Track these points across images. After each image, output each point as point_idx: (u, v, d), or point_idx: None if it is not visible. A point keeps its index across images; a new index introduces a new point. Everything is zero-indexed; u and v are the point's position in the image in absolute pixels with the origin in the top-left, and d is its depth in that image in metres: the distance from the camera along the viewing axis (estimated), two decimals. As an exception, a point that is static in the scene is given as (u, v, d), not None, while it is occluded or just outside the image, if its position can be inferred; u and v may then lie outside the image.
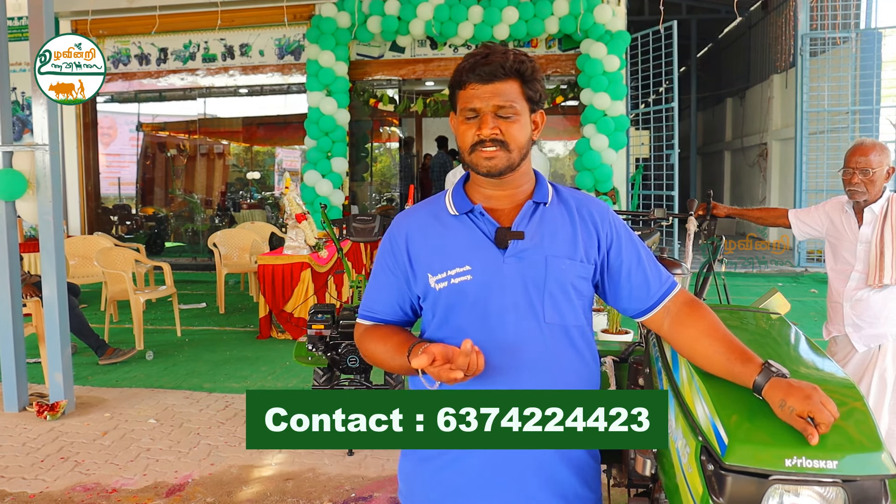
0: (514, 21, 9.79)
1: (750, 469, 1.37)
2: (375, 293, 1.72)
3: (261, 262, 6.81)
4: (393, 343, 1.63)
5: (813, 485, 1.36)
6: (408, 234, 1.66)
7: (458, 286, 1.57)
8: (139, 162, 13.58)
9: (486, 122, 1.55)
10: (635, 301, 1.69)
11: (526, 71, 1.57)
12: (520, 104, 1.57)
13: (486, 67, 1.54)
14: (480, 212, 1.63)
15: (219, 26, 10.84)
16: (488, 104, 1.55)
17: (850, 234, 3.20)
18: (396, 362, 1.61)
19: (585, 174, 9.86)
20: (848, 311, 3.19)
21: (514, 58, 1.56)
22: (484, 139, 1.55)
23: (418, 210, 1.72)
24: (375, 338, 1.69)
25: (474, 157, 1.58)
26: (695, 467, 1.49)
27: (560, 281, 1.60)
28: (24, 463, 4.05)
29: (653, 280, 1.68)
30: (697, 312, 1.65)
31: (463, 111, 1.58)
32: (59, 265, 4.84)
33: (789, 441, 1.37)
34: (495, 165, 1.57)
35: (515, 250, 1.59)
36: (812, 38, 11.15)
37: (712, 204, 3.44)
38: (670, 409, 1.73)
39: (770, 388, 1.45)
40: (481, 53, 1.57)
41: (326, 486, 3.71)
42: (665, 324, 1.68)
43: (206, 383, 5.54)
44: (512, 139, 1.56)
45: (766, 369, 1.49)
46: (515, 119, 1.56)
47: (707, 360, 1.59)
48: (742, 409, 1.47)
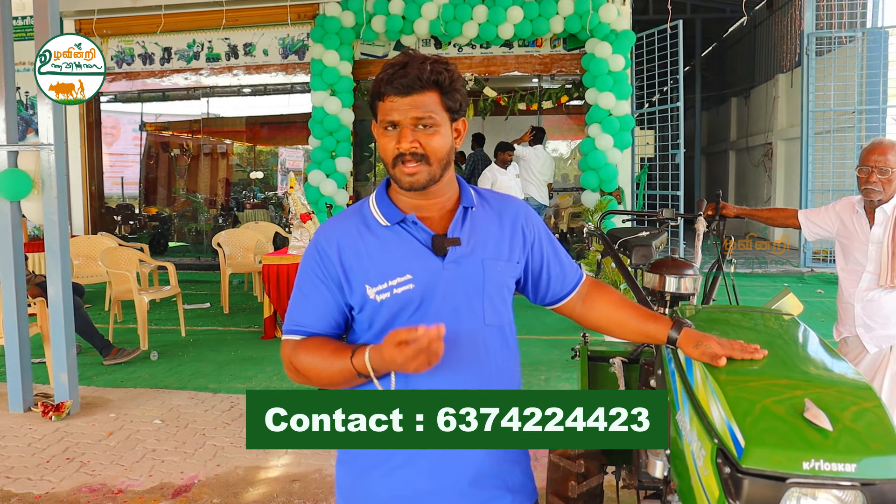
0: (518, 20, 9.77)
1: (767, 472, 1.36)
2: (305, 306, 1.63)
3: (265, 262, 6.80)
4: (329, 350, 1.57)
5: (831, 488, 1.35)
6: (339, 244, 1.60)
7: (401, 296, 1.56)
8: (142, 161, 13.59)
9: (406, 135, 1.53)
10: (553, 291, 1.80)
11: (444, 81, 1.54)
12: (439, 115, 1.55)
13: (403, 80, 1.51)
14: (414, 221, 1.60)
15: (223, 26, 10.84)
16: (406, 116, 1.53)
17: (862, 235, 3.17)
18: (335, 368, 1.54)
19: (590, 174, 9.83)
20: (859, 312, 3.16)
21: (431, 68, 1.52)
22: (404, 153, 1.53)
23: (344, 220, 1.66)
24: (309, 349, 1.59)
25: (396, 172, 1.57)
26: (711, 470, 1.48)
27: (496, 283, 1.64)
28: (29, 463, 4.05)
29: (567, 269, 1.81)
30: (605, 289, 1.85)
31: (382, 122, 1.56)
32: (64, 265, 4.83)
33: (807, 444, 1.36)
34: (417, 181, 1.56)
35: (454, 256, 1.59)
36: (818, 37, 11.12)
37: (721, 204, 3.41)
38: (685, 410, 1.72)
39: (685, 336, 1.70)
40: (399, 63, 1.53)
41: (333, 487, 3.69)
42: (578, 306, 1.83)
43: (211, 384, 5.52)
44: (432, 152, 1.55)
45: (678, 322, 1.73)
46: (435, 130, 1.55)
47: (621, 326, 1.80)
48: (758, 410, 1.46)
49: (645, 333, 1.77)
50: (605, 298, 1.82)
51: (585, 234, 3.67)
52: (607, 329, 1.82)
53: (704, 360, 1.64)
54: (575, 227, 11.89)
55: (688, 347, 1.68)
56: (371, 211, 1.65)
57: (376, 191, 1.69)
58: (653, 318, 1.77)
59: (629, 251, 3.24)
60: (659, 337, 1.74)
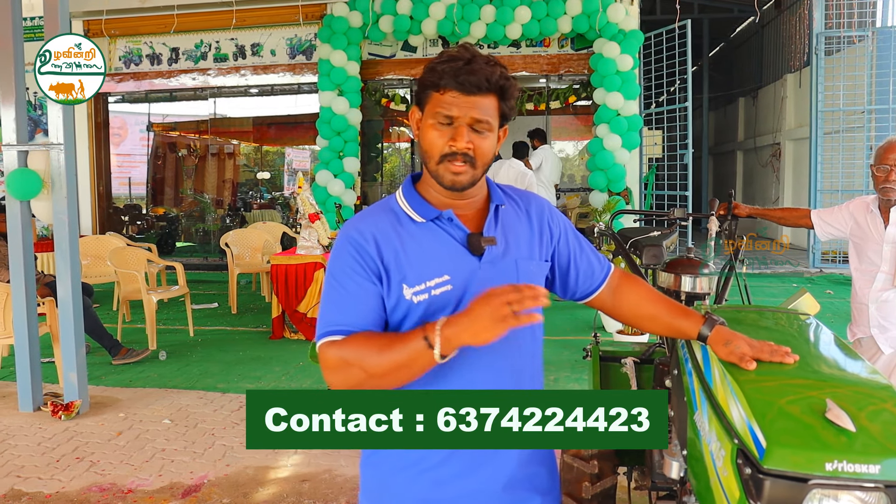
0: (526, 20, 9.76)
1: (789, 473, 1.33)
2: (346, 304, 1.51)
3: (274, 263, 6.80)
4: (387, 336, 1.46)
5: (854, 490, 1.32)
6: (375, 239, 1.53)
7: (439, 297, 1.52)
8: (150, 162, 13.62)
9: (462, 134, 1.49)
10: (582, 285, 1.77)
11: (508, 88, 1.52)
12: (494, 120, 1.53)
13: (471, 77, 1.47)
14: (450, 218, 1.57)
15: (231, 26, 10.86)
16: (466, 115, 1.49)
17: (876, 235, 3.14)
18: (400, 349, 1.41)
19: (598, 174, 9.82)
20: (874, 313, 3.13)
21: (500, 73, 1.50)
22: (456, 152, 1.50)
23: (374, 216, 1.60)
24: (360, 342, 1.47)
25: (441, 169, 1.52)
26: (731, 471, 1.46)
27: (529, 282, 1.57)
28: (39, 463, 4.05)
29: (595, 263, 1.78)
30: (636, 282, 1.81)
31: (435, 115, 1.51)
32: (73, 265, 4.83)
33: (829, 444, 1.34)
34: (460, 181, 1.52)
35: (490, 256, 1.56)
36: (827, 36, 11.07)
37: (734, 204, 3.39)
38: (703, 410, 1.70)
39: (716, 334, 1.66)
40: (463, 58, 1.48)
41: (343, 488, 3.68)
42: (608, 299, 1.80)
43: (219, 383, 5.52)
44: (481, 155, 1.52)
45: (710, 318, 1.69)
46: (488, 135, 1.52)
47: (652, 320, 1.77)
48: (779, 410, 1.44)
49: (675, 328, 1.74)
50: (637, 291, 1.79)
51: (596, 234, 3.65)
52: (638, 323, 1.80)
53: (732, 360, 1.60)
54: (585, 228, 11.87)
55: (717, 346, 1.65)
56: (401, 207, 1.60)
57: (402, 187, 1.64)
58: (684, 314, 1.73)
59: (640, 251, 3.22)
60: (689, 333, 1.71)
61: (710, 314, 1.71)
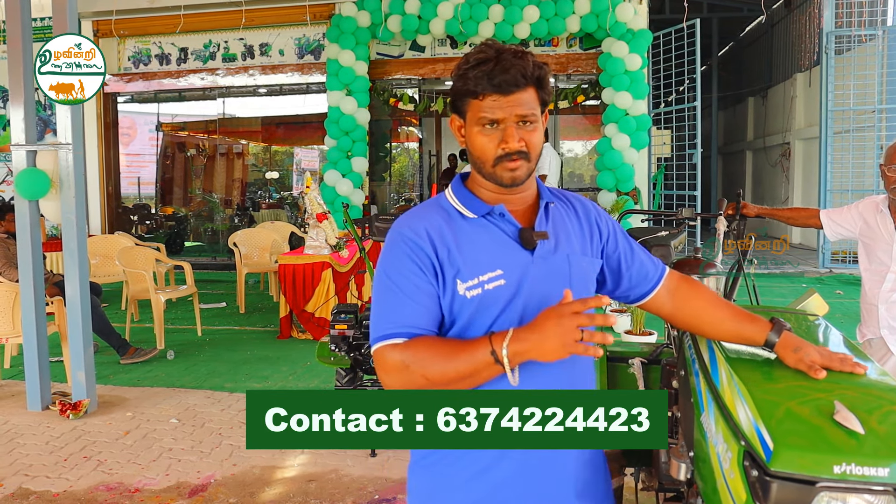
0: (535, 20, 9.74)
1: (796, 475, 1.32)
2: (404, 304, 1.49)
3: (281, 262, 6.81)
4: (451, 343, 1.44)
5: (863, 493, 1.31)
6: (429, 236, 1.52)
7: (492, 292, 1.50)
8: (159, 162, 13.68)
9: (512, 135, 1.49)
10: (636, 286, 1.73)
11: (544, 77, 1.52)
12: (537, 110, 1.53)
13: (506, 77, 1.46)
14: (501, 213, 1.56)
15: (240, 26, 10.89)
16: (511, 115, 1.48)
17: (886, 235, 3.12)
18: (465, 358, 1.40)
19: (607, 174, 9.79)
20: (883, 314, 3.11)
21: (532, 64, 1.49)
22: (511, 152, 1.50)
23: (425, 212, 1.60)
24: (424, 346, 1.45)
25: (498, 170, 1.52)
26: (737, 473, 1.44)
27: (582, 278, 1.60)
28: (47, 462, 4.06)
29: (648, 264, 1.74)
30: (697, 286, 1.76)
31: (479, 120, 1.50)
32: (81, 264, 4.85)
33: (838, 447, 1.32)
34: (519, 176, 1.53)
35: (542, 251, 1.55)
36: (837, 35, 11.01)
37: (742, 203, 3.37)
38: (710, 412, 1.68)
39: (784, 340, 1.60)
40: (491, 58, 1.47)
41: (350, 488, 3.68)
42: (667, 303, 1.75)
43: (227, 383, 5.53)
44: (533, 147, 1.52)
45: (778, 325, 1.63)
46: (535, 126, 1.52)
47: (715, 326, 1.70)
48: (786, 412, 1.42)
49: (740, 334, 1.68)
50: (698, 295, 1.74)
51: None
52: (699, 328, 1.74)
53: (801, 368, 1.56)
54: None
55: (786, 352, 1.59)
56: (451, 204, 1.60)
57: (451, 186, 1.64)
58: (750, 319, 1.67)
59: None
60: (756, 339, 1.65)
61: (777, 319, 1.64)
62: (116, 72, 11.83)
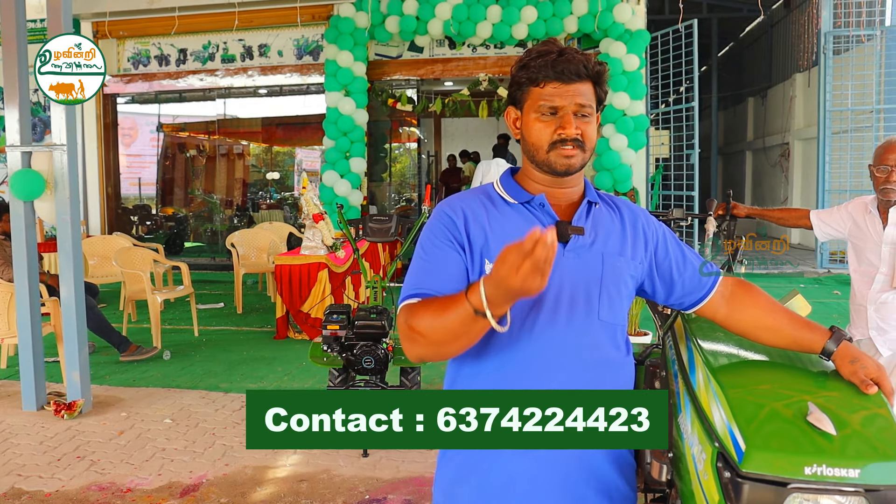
0: (532, 20, 9.74)
1: (768, 477, 1.33)
2: (427, 270, 1.55)
3: (278, 263, 6.82)
4: (444, 300, 1.46)
5: (834, 494, 1.32)
6: (464, 213, 1.60)
7: None
8: (159, 162, 13.70)
9: (570, 121, 1.54)
10: (689, 292, 1.73)
11: (602, 73, 1.59)
12: (594, 105, 1.58)
13: (569, 66, 1.53)
14: (541, 202, 1.61)
15: (238, 27, 10.90)
16: (571, 103, 1.54)
17: (875, 236, 3.12)
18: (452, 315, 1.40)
19: (604, 174, 9.79)
20: (872, 314, 3.11)
21: (594, 60, 1.57)
22: (566, 139, 1.55)
23: (467, 195, 1.67)
24: (426, 306, 1.48)
25: (552, 156, 1.57)
26: (711, 474, 1.45)
27: (615, 279, 1.61)
28: (40, 461, 4.07)
29: (703, 270, 1.74)
30: (754, 291, 1.75)
31: (539, 108, 1.56)
32: (76, 264, 4.86)
33: (809, 448, 1.33)
34: (573, 164, 1.57)
35: (575, 245, 1.58)
36: (835, 35, 11.01)
37: (732, 204, 3.37)
38: (686, 413, 1.69)
39: (842, 350, 1.59)
40: (553, 51, 1.55)
41: (341, 488, 3.69)
42: (722, 308, 1.74)
43: (222, 383, 5.54)
44: (588, 139, 1.58)
45: (837, 334, 1.61)
46: (591, 119, 1.57)
47: (772, 332, 1.68)
48: (760, 414, 1.43)
49: (798, 342, 1.66)
50: (755, 302, 1.72)
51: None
52: (755, 335, 1.72)
53: (854, 381, 1.54)
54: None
55: (843, 363, 1.58)
56: (496, 191, 1.67)
57: (500, 177, 1.70)
58: (808, 327, 1.66)
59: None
60: (814, 347, 1.64)
61: (836, 329, 1.63)
62: (116, 73, 11.85)
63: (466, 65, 10.85)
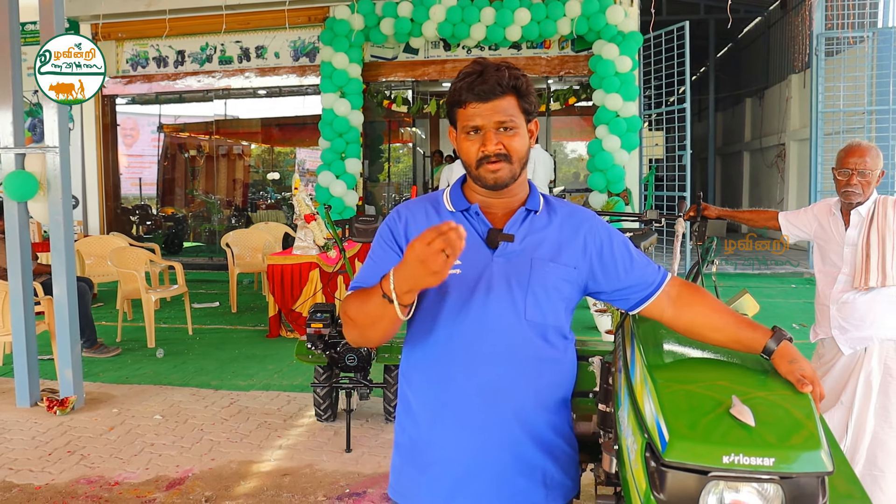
0: (526, 23, 9.82)
1: (689, 465, 1.40)
2: (370, 268, 1.71)
3: (270, 262, 6.91)
4: (369, 290, 1.59)
5: (751, 481, 1.39)
6: (406, 220, 1.74)
7: (448, 278, 1.62)
8: (159, 163, 13.80)
9: (490, 138, 1.63)
10: (634, 293, 1.79)
11: (521, 86, 1.65)
12: (518, 118, 1.65)
13: (484, 86, 1.61)
14: (476, 211, 1.71)
15: (234, 29, 11.00)
16: (490, 121, 1.62)
17: (837, 237, 3.20)
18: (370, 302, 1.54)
19: (598, 175, 9.87)
20: (834, 314, 3.18)
21: (509, 75, 1.63)
22: (489, 155, 1.63)
23: (416, 202, 1.80)
24: (357, 294, 1.64)
25: (481, 172, 1.66)
26: (640, 463, 1.53)
27: (543, 282, 1.69)
28: (32, 456, 4.17)
29: (648, 272, 1.80)
30: (700, 292, 1.82)
31: (464, 128, 1.66)
32: (69, 264, 4.96)
33: (728, 438, 1.40)
34: (501, 178, 1.65)
35: (504, 251, 1.67)
36: (828, 37, 11.07)
37: (703, 205, 3.45)
38: (625, 407, 1.77)
39: (782, 350, 1.64)
40: (476, 72, 1.63)
41: (322, 482, 3.78)
42: (668, 308, 1.79)
43: (213, 381, 5.64)
44: (514, 151, 1.65)
45: (779, 332, 1.67)
46: (515, 132, 1.65)
47: (716, 331, 1.74)
48: (686, 406, 1.51)
49: (741, 341, 1.71)
50: (700, 302, 1.78)
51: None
52: (700, 334, 1.78)
53: (791, 379, 1.58)
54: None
55: (782, 362, 1.63)
56: (443, 198, 1.78)
57: (452, 186, 1.81)
58: (751, 327, 1.71)
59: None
60: (755, 346, 1.69)
61: (778, 329, 1.69)
62: (115, 74, 11.96)
63: (461, 66, 10.83)
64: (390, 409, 4.57)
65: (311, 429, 4.58)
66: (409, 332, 1.76)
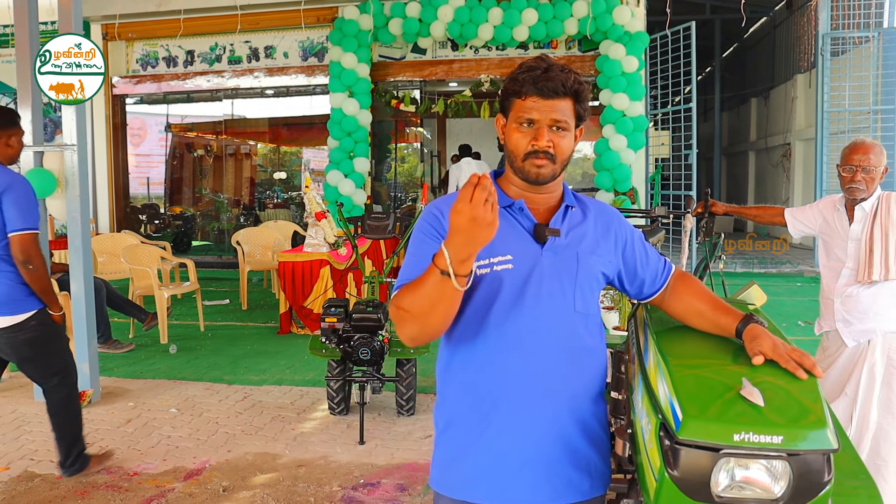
0: (533, 23, 9.88)
1: (701, 443, 1.48)
2: (415, 264, 1.67)
3: (281, 259, 7.00)
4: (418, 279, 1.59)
5: (760, 458, 1.47)
6: (444, 214, 1.72)
7: (499, 273, 1.70)
8: (167, 162, 13.89)
9: (543, 134, 1.67)
10: (648, 286, 1.93)
11: (582, 91, 1.72)
12: (571, 121, 1.71)
13: (549, 83, 1.65)
14: (521, 207, 1.76)
15: (244, 29, 11.09)
16: (546, 117, 1.67)
17: (842, 232, 3.27)
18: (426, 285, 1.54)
19: (604, 174, 9.93)
20: (838, 307, 3.25)
21: (574, 79, 1.69)
22: (538, 150, 1.69)
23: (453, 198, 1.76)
24: (408, 286, 1.62)
25: (526, 165, 1.71)
26: (654, 443, 1.61)
27: (588, 275, 1.78)
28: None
29: (659, 266, 1.94)
30: (689, 280, 1.95)
31: (518, 118, 1.70)
32: (86, 261, 5.05)
33: (739, 417, 1.48)
34: (543, 174, 1.71)
35: (552, 246, 1.74)
36: (833, 37, 11.11)
37: (710, 202, 3.53)
38: (639, 390, 1.85)
39: (749, 331, 1.71)
40: (540, 67, 1.67)
41: (337, 473, 3.86)
42: (666, 297, 1.93)
43: (226, 375, 5.73)
44: (561, 152, 1.71)
45: (748, 317, 1.75)
46: (566, 133, 1.70)
47: (699, 316, 1.86)
48: (698, 388, 1.58)
49: (717, 324, 1.82)
50: (689, 289, 1.91)
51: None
52: (687, 319, 1.90)
53: (750, 354, 1.67)
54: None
55: (746, 340, 1.71)
56: None
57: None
58: (726, 311, 1.81)
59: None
60: (729, 329, 1.78)
61: (751, 314, 1.78)
62: (125, 74, 12.06)
63: (469, 66, 11.01)
64: (402, 402, 4.66)
65: (325, 422, 4.66)
66: (454, 329, 1.75)
